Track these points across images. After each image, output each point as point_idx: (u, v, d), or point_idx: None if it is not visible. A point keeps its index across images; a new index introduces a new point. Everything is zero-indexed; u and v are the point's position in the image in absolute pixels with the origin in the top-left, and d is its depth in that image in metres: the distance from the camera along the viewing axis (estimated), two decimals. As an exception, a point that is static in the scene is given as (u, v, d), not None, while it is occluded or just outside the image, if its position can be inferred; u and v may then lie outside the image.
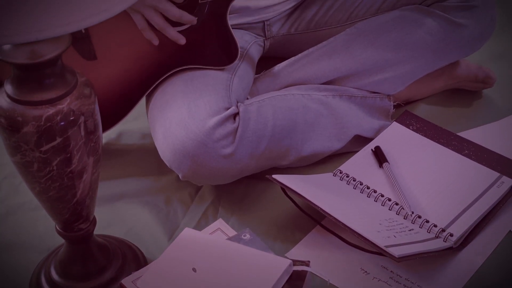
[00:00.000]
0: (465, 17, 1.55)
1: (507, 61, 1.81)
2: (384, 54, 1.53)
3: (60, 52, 0.99)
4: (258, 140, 1.39)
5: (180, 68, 1.45)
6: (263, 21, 1.63)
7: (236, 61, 1.49)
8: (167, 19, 1.40)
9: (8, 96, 1.03)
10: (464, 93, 1.70)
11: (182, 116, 1.37)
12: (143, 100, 1.50)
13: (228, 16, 1.42)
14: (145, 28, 1.40)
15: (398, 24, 1.54)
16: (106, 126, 1.46)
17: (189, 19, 1.40)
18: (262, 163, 1.44)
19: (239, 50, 1.45)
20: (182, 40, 1.41)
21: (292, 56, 1.57)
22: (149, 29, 1.40)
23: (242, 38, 1.58)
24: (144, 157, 1.58)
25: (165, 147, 1.39)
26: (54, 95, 1.02)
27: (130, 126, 1.65)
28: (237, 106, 1.41)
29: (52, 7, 0.80)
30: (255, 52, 1.61)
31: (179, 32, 1.42)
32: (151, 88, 1.46)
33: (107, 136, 1.62)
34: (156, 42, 1.41)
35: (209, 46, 1.45)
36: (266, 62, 1.67)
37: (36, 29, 0.80)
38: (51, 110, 1.02)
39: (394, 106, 1.60)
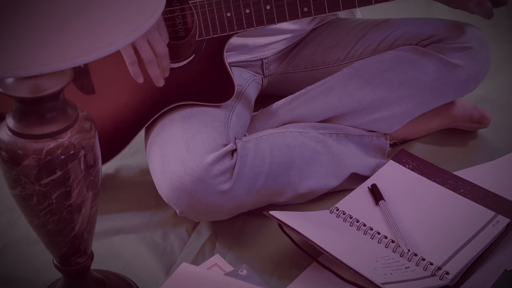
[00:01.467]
0: (461, 58, 1.56)
1: (501, 102, 1.83)
2: (381, 93, 1.55)
3: (63, 86, 1.01)
4: (256, 176, 1.40)
5: (177, 104, 1.46)
6: (262, 59, 1.65)
7: (234, 99, 1.50)
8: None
9: (10, 129, 1.04)
10: (459, 133, 1.72)
11: (180, 152, 1.38)
12: (141, 136, 1.52)
13: (225, 53, 1.44)
14: (134, 62, 1.38)
15: (395, 64, 1.55)
16: (103, 160, 1.47)
17: (167, 64, 1.40)
18: (259, 200, 1.45)
19: (236, 87, 1.46)
20: (160, 82, 1.40)
21: (289, 94, 1.58)
22: (136, 64, 1.38)
23: (240, 76, 1.60)
24: (141, 192, 1.59)
25: (163, 183, 1.40)
26: (55, 129, 1.03)
27: (128, 161, 1.67)
28: (234, 143, 1.42)
29: (56, 40, 0.82)
30: (253, 90, 1.63)
31: (177, 68, 1.44)
32: (148, 122, 1.48)
33: (105, 171, 1.63)
34: (141, 80, 1.40)
35: (207, 82, 1.46)
36: (263, 100, 1.69)
37: (40, 62, 0.81)
38: (52, 144, 1.03)
39: (390, 145, 1.62)
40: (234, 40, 1.56)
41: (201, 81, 1.46)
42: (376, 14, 1.73)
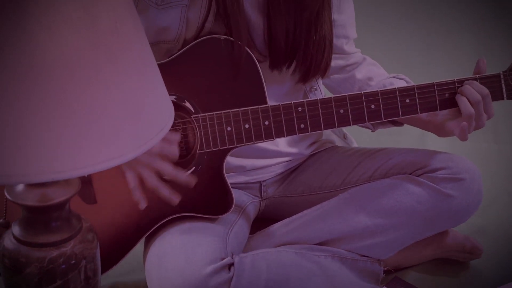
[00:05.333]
0: (453, 188, 1.59)
1: (493, 234, 1.86)
2: (375, 220, 1.58)
3: (69, 196, 1.04)
4: (252, 292, 1.41)
5: (176, 216, 1.49)
6: (260, 182, 1.69)
7: (234, 217, 1.53)
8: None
9: (15, 237, 1.06)
10: (452, 263, 1.73)
11: (179, 264, 1.39)
12: (139, 254, 1.53)
13: (224, 167, 1.48)
14: (135, 188, 1.41)
15: (389, 191, 1.59)
16: (101, 269, 1.47)
17: (185, 179, 1.43)
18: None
19: (234, 200, 1.49)
20: (175, 200, 1.43)
21: (286, 218, 1.61)
22: (139, 190, 1.41)
23: (239, 198, 1.64)
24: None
25: (160, 293, 1.40)
26: (59, 238, 1.05)
27: (125, 278, 1.66)
28: (232, 257, 1.44)
29: (69, 149, 0.86)
30: (251, 212, 1.66)
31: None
32: (147, 233, 1.49)
33: (101, 286, 1.63)
34: (143, 205, 1.42)
35: (206, 194, 1.49)
36: (259, 224, 1.71)
37: (52, 170, 0.85)
38: (54, 252, 1.04)
39: (384, 271, 1.63)
40: (233, 161, 1.61)
41: (200, 193, 1.49)
42: (371, 144, 1.79)
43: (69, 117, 0.86)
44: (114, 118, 0.88)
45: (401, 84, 1.63)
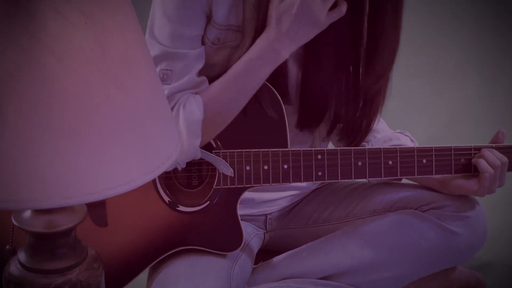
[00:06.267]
0: (459, 226, 1.59)
1: (498, 269, 1.85)
2: (380, 255, 1.57)
3: (76, 224, 1.04)
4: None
5: (184, 248, 1.49)
6: (266, 215, 1.70)
7: (238, 250, 1.54)
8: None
9: (21, 263, 1.06)
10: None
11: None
12: (143, 282, 1.53)
13: (238, 204, 1.49)
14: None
15: (395, 226, 1.59)
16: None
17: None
18: None
19: (244, 238, 1.50)
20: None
21: (290, 250, 1.61)
22: None
23: (244, 230, 1.63)
24: None
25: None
26: (64, 265, 1.05)
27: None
28: (235, 292, 1.44)
29: (77, 176, 0.87)
30: (255, 244, 1.67)
31: (193, 212, 1.48)
32: (153, 263, 1.50)
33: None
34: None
35: (216, 230, 1.50)
36: (263, 256, 1.71)
37: (62, 195, 0.86)
38: (60, 279, 1.05)
39: (389, 306, 1.63)
40: (243, 194, 1.61)
41: (211, 228, 1.50)
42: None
43: (79, 144, 0.87)
44: (123, 145, 0.90)
45: (406, 140, 1.65)
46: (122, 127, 0.90)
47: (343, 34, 1.48)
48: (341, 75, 1.52)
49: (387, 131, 1.69)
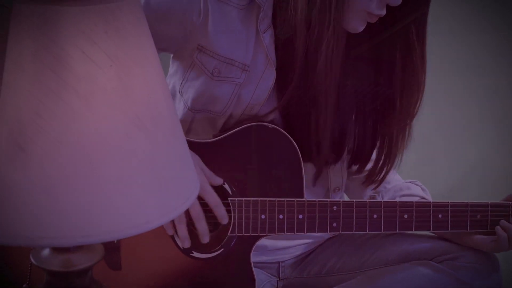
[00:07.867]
0: (474, 278, 1.59)
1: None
2: (393, 305, 1.57)
3: (93, 263, 1.05)
4: None
5: None
6: (279, 262, 1.70)
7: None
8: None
9: (37, 302, 1.07)
10: None
11: None
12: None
13: (252, 253, 1.49)
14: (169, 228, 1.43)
15: (408, 277, 1.58)
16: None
17: (222, 214, 1.45)
18: None
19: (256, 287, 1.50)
20: (206, 238, 1.44)
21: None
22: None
23: (257, 277, 1.63)
24: None
25: None
26: (80, 305, 1.06)
27: None
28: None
29: (96, 214, 0.88)
30: (268, 292, 1.67)
31: (206, 258, 1.48)
32: None
33: None
34: (187, 244, 1.44)
35: (229, 277, 1.50)
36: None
37: (80, 234, 0.87)
38: (75, 319, 1.06)
39: None
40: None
41: (224, 275, 1.50)
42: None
43: (99, 183, 0.88)
44: (142, 186, 0.91)
45: (416, 190, 1.66)
46: (142, 169, 0.92)
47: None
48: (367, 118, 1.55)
49: (398, 181, 1.70)
